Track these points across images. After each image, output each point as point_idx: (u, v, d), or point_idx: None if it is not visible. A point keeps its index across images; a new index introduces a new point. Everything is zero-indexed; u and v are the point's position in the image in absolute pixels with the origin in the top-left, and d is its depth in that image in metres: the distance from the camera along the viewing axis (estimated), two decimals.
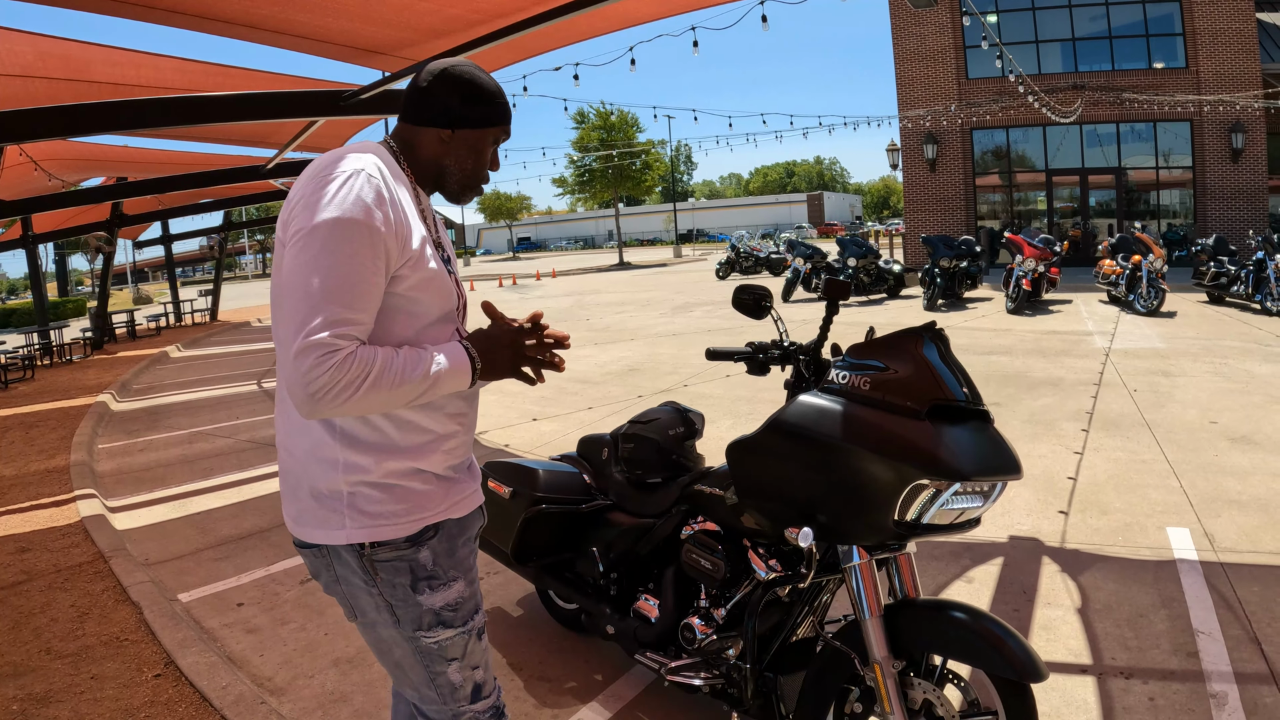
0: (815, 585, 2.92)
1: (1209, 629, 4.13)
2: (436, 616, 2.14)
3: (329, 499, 2.06)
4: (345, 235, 1.88)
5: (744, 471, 2.84)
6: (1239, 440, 7.27)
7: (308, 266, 1.87)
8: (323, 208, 1.89)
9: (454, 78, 2.14)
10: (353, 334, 1.87)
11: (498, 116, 2.20)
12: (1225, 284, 16.45)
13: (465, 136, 2.17)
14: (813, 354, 3.00)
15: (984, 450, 2.37)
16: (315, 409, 1.84)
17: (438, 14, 6.37)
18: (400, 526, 2.08)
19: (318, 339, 1.81)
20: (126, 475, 8.60)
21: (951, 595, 4.65)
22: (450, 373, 2.01)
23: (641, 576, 3.57)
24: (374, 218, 1.91)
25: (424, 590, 2.12)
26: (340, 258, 1.87)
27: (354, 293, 1.88)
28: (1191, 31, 25.27)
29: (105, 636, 4.74)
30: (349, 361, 1.83)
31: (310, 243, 1.88)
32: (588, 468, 3.92)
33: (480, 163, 2.22)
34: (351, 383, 1.83)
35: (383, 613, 2.13)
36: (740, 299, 3.16)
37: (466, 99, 2.14)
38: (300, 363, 1.81)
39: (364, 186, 1.93)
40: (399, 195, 2.03)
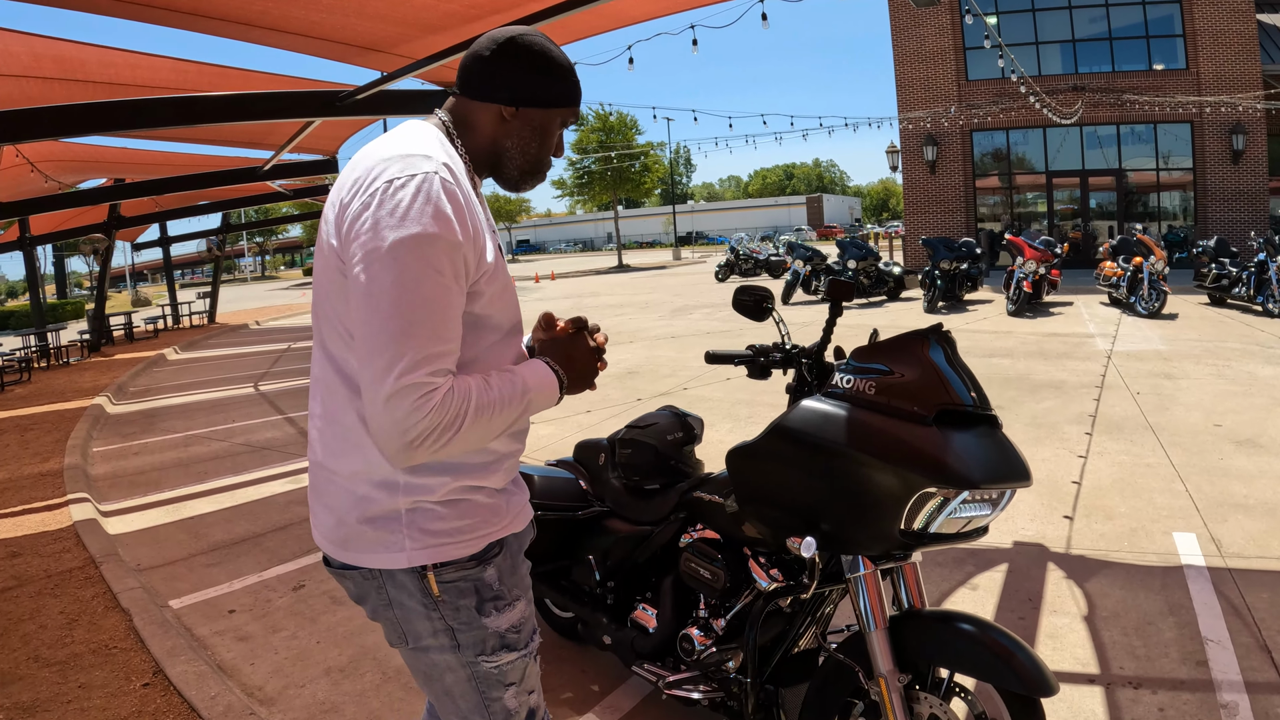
0: (818, 596, 2.84)
1: (1218, 637, 4.05)
2: (501, 639, 1.96)
3: (385, 520, 1.85)
4: (428, 255, 1.63)
5: (744, 479, 2.76)
6: (1244, 443, 7.20)
7: (387, 296, 1.61)
8: (396, 223, 1.63)
9: (521, 47, 1.88)
10: (446, 367, 1.66)
11: (569, 95, 1.96)
12: (1226, 286, 16.39)
13: (531, 116, 1.92)
14: (815, 357, 2.92)
15: (993, 456, 2.29)
16: (413, 456, 1.64)
17: (433, 9, 6.30)
18: (465, 545, 1.89)
19: (410, 381, 1.59)
20: (121, 479, 8.53)
21: (956, 602, 4.59)
22: (540, 393, 1.86)
23: (639, 585, 3.49)
24: (454, 230, 1.67)
25: (490, 612, 1.93)
26: (425, 284, 1.62)
27: (442, 321, 1.66)
28: (1192, 33, 25.22)
29: (94, 644, 4.66)
30: (448, 400, 1.63)
31: (387, 267, 1.62)
32: (584, 473, 3.84)
33: (546, 147, 1.98)
34: (452, 423, 1.64)
35: (441, 637, 1.92)
36: (741, 300, 3.09)
37: (535, 73, 1.89)
38: (394, 409, 1.59)
39: (439, 193, 1.66)
40: (471, 196, 1.78)
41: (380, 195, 1.66)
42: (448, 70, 8.05)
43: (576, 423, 9.37)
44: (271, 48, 7.40)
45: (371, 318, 1.63)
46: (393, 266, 1.61)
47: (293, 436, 9.92)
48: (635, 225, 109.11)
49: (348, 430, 1.84)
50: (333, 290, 1.78)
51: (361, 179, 1.71)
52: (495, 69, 1.88)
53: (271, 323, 29.31)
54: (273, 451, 9.20)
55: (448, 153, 1.81)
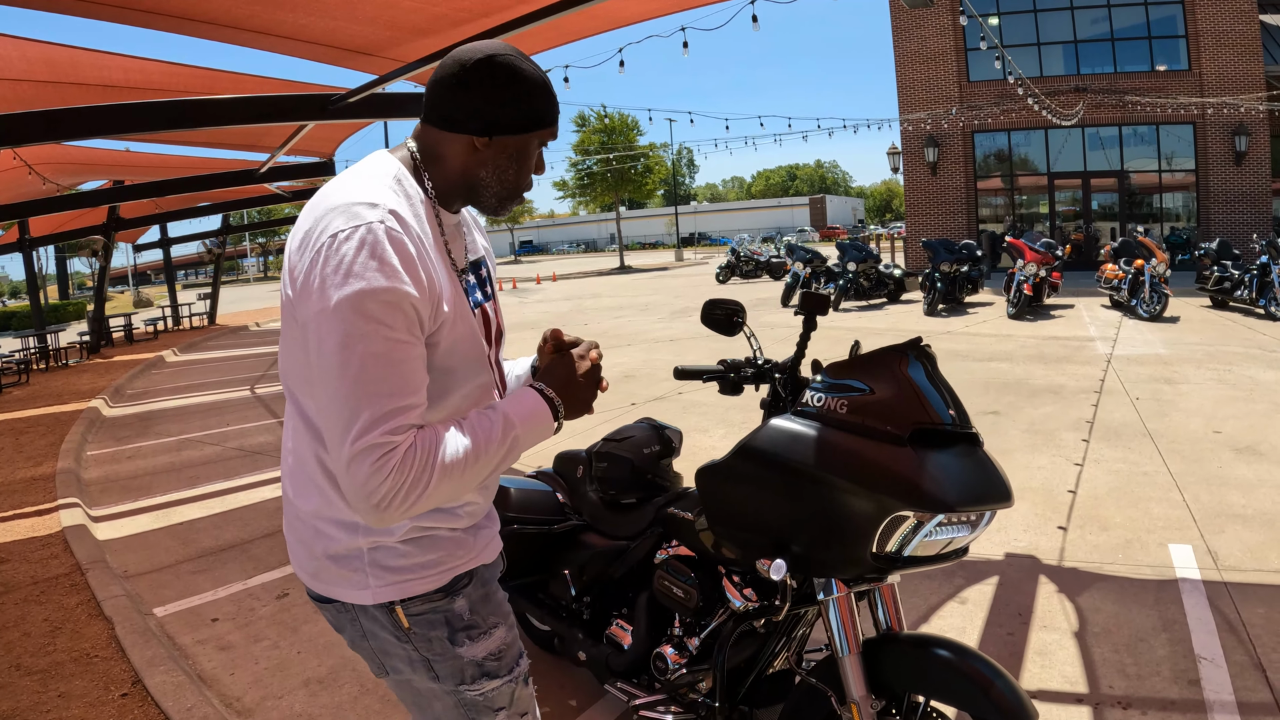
0: (793, 616, 2.78)
1: (1211, 654, 3.97)
2: (480, 668, 1.90)
3: (348, 558, 1.81)
4: (373, 311, 1.55)
5: (713, 498, 2.69)
6: (1243, 451, 7.13)
7: (338, 357, 1.54)
8: (340, 281, 1.55)
9: (489, 70, 1.71)
10: (407, 423, 1.57)
11: (546, 115, 1.79)
12: (1229, 288, 16.32)
13: (505, 144, 1.77)
14: (789, 372, 2.86)
15: (971, 478, 2.22)
16: (386, 517, 1.57)
17: (421, 12, 6.25)
18: (430, 580, 1.84)
19: (367, 443, 1.52)
20: (113, 483, 8.50)
21: (945, 616, 4.53)
22: (529, 426, 1.75)
23: (615, 601, 3.43)
24: (401, 281, 1.57)
25: (463, 642, 1.87)
26: (374, 341, 1.54)
27: (399, 376, 1.57)
28: (1194, 34, 25.12)
29: (76, 653, 4.63)
30: (409, 457, 1.55)
31: (335, 326, 1.55)
32: (563, 485, 3.78)
33: (524, 171, 1.83)
34: (418, 480, 1.56)
35: (418, 668, 1.88)
36: (711, 315, 3.01)
37: (507, 97, 1.72)
38: (355, 473, 1.53)
39: (382, 243, 1.57)
40: (424, 240, 1.68)
41: (325, 251, 1.58)
42: None
43: (570, 428, 9.28)
44: (264, 51, 7.36)
45: (326, 378, 1.57)
46: (340, 326, 1.54)
47: None
48: (638, 226, 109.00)
49: (309, 470, 1.80)
50: (291, 339, 1.73)
51: (310, 232, 1.63)
52: (462, 96, 1.72)
53: (272, 324, 29.26)
54: (265, 456, 9.15)
55: (404, 192, 1.72)
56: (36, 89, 8.44)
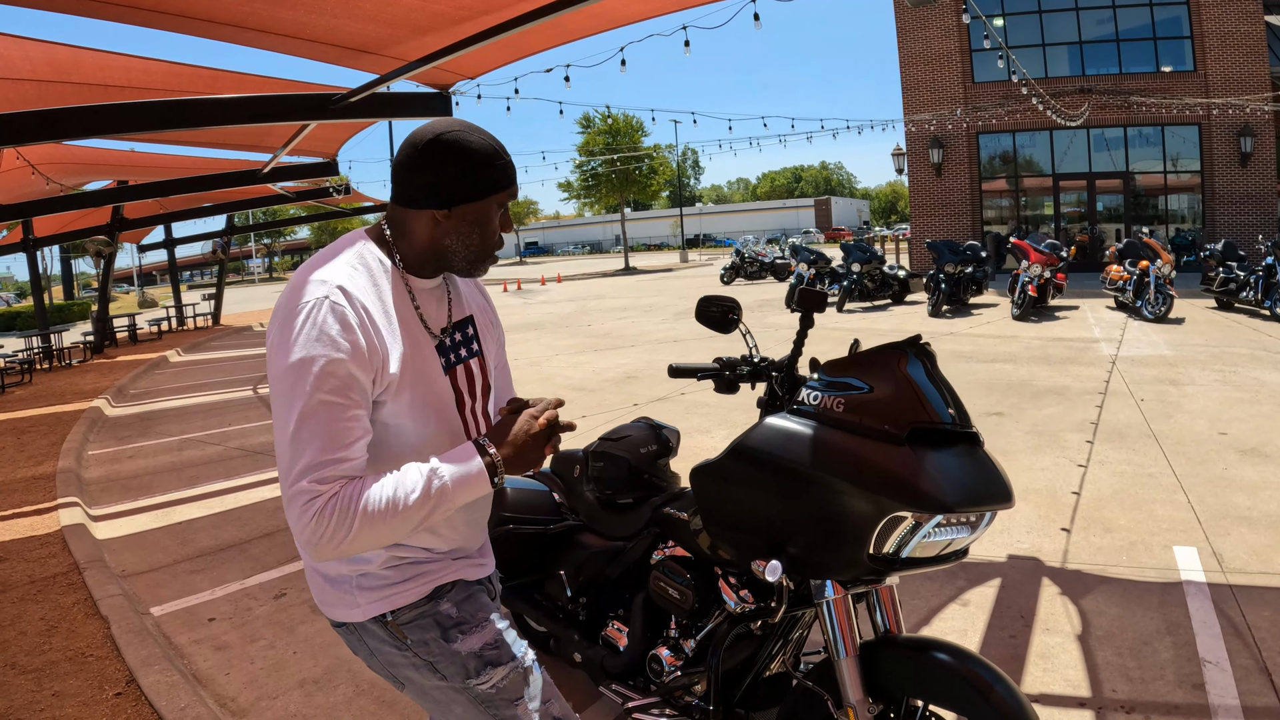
0: (790, 618, 2.74)
1: (1216, 658, 3.93)
2: (480, 658, 2.02)
3: (339, 582, 2.01)
4: (311, 375, 1.74)
5: (708, 498, 2.65)
6: (1249, 453, 7.09)
7: (283, 412, 1.76)
8: (290, 348, 1.76)
9: (439, 150, 1.87)
10: (334, 474, 1.74)
11: (500, 180, 1.94)
12: (1234, 290, 16.26)
13: (465, 212, 1.92)
14: (786, 370, 2.82)
15: (971, 478, 2.18)
16: (318, 554, 1.75)
17: (421, 9, 6.21)
18: (413, 591, 2.01)
19: (297, 489, 1.72)
20: (113, 483, 8.48)
21: (947, 619, 4.49)
22: (461, 480, 1.84)
23: (612, 602, 3.39)
24: (339, 349, 1.76)
25: (456, 638, 2.02)
26: (311, 401, 1.74)
27: (330, 433, 1.75)
28: (1200, 34, 25.06)
29: (71, 652, 4.63)
30: (331, 505, 1.71)
31: (282, 386, 1.77)
32: (560, 485, 3.74)
33: (487, 234, 1.97)
34: (340, 524, 1.72)
35: (424, 672, 2.02)
36: (706, 312, 2.98)
37: (460, 171, 1.88)
38: (289, 513, 1.74)
39: (327, 317, 1.77)
40: (371, 311, 1.85)
41: (279, 322, 1.81)
42: (440, 72, 7.97)
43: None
44: (265, 50, 7.32)
45: (277, 430, 1.79)
46: (284, 387, 1.76)
47: None
48: (643, 227, 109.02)
49: None
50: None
51: (277, 305, 1.85)
52: (418, 176, 1.90)
53: None
54: (266, 456, 9.13)
55: (365, 266, 1.92)
56: (39, 89, 8.42)
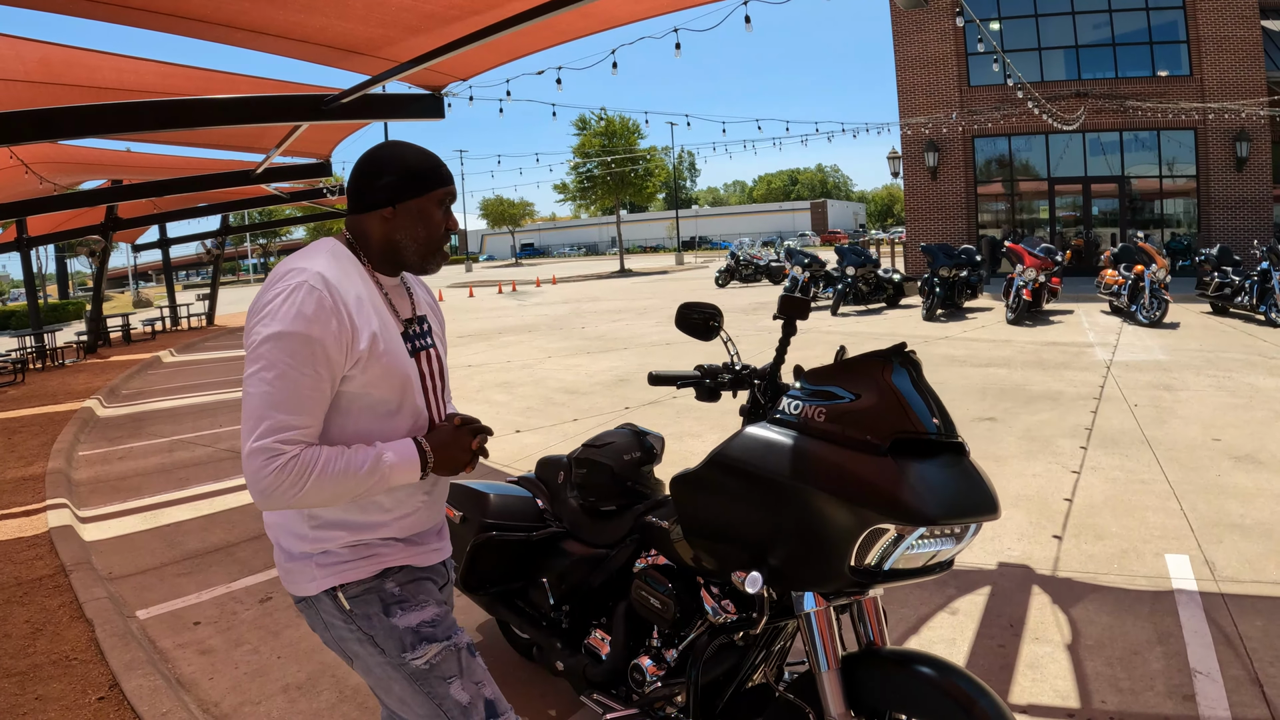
0: (772, 629, 2.71)
1: (1207, 669, 3.90)
2: (416, 634, 2.21)
3: (300, 558, 2.23)
4: (286, 348, 2.01)
5: (688, 508, 2.62)
6: (1242, 459, 7.06)
7: (255, 378, 2.02)
8: (267, 322, 2.03)
9: (382, 157, 2.24)
10: (296, 438, 2.02)
11: (435, 179, 2.26)
12: (1229, 295, 16.25)
13: (408, 208, 2.24)
14: (769, 378, 2.79)
15: (955, 489, 2.15)
16: (268, 504, 2.02)
17: (413, 9, 6.16)
18: (363, 569, 2.23)
19: (261, 444, 1.98)
20: (103, 484, 8.44)
21: (935, 627, 4.46)
22: (399, 467, 2.15)
23: (595, 609, 3.35)
24: (312, 328, 2.03)
25: (396, 612, 2.22)
26: (282, 369, 2.00)
27: (295, 400, 2.02)
28: (1196, 39, 25.07)
29: (55, 655, 4.59)
30: (291, 464, 1.99)
31: (257, 356, 2.03)
32: (544, 491, 3.70)
33: (431, 227, 2.27)
34: (295, 482, 1.99)
35: (366, 646, 2.22)
36: (687, 319, 2.97)
37: (399, 174, 2.22)
38: (249, 465, 1.99)
39: (304, 299, 2.04)
40: (344, 299, 2.11)
41: (262, 301, 2.08)
42: (432, 74, 7.94)
43: (563, 431, 9.26)
44: (258, 51, 7.29)
45: (246, 394, 2.04)
46: (261, 356, 2.02)
47: None
48: (639, 230, 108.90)
49: None
50: None
51: (260, 292, 2.12)
52: (367, 182, 2.24)
53: None
54: None
55: (338, 260, 2.21)
56: (31, 89, 8.37)
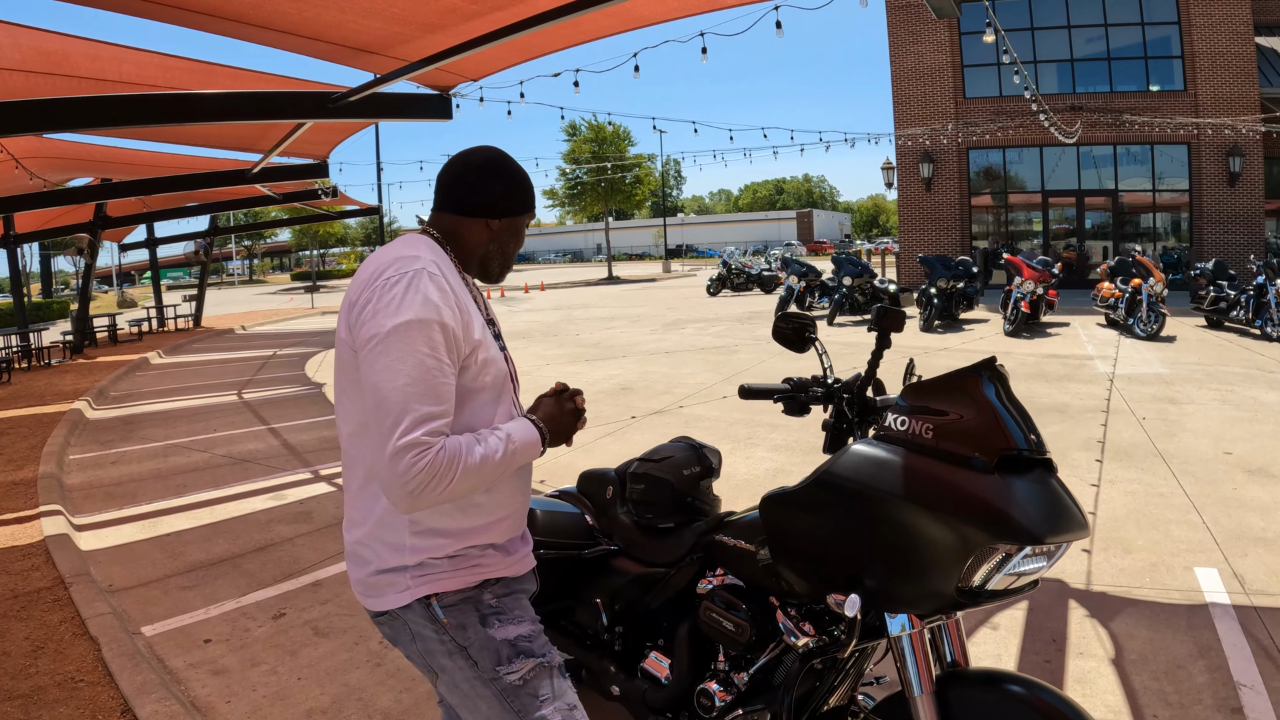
0: (856, 652, 2.59)
1: (1250, 681, 3.88)
2: (513, 647, 2.16)
3: (394, 572, 2.15)
4: (419, 336, 1.98)
5: (781, 529, 2.49)
6: (1256, 472, 7.05)
7: (389, 370, 1.96)
8: (393, 311, 1.99)
9: (497, 168, 2.27)
10: (440, 428, 1.97)
11: (533, 200, 2.35)
12: (1225, 309, 16.32)
13: (510, 224, 2.30)
14: (857, 393, 2.67)
15: (1054, 507, 2.05)
16: (415, 504, 1.95)
17: (434, 3, 6.03)
18: (460, 579, 2.17)
19: (410, 439, 1.91)
20: (96, 490, 8.24)
21: (978, 643, 4.37)
22: (525, 446, 2.15)
23: (650, 631, 3.21)
24: (443, 314, 2.02)
25: (494, 624, 2.17)
26: (419, 358, 1.97)
27: (435, 389, 1.98)
28: (1190, 55, 25.22)
29: (60, 676, 4.37)
30: (441, 455, 1.94)
31: (388, 347, 1.97)
32: (589, 507, 3.55)
33: (518, 244, 2.37)
34: (446, 475, 1.94)
35: (457, 659, 2.15)
36: (780, 330, 2.87)
37: (508, 189, 2.27)
38: (396, 464, 1.91)
39: (428, 285, 2.03)
40: (457, 286, 2.14)
41: (380, 290, 2.04)
42: (442, 74, 7.82)
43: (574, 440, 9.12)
44: (264, 46, 7.15)
45: (379, 388, 1.97)
46: (392, 346, 1.97)
47: (275, 449, 9.65)
48: (625, 237, 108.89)
49: (358, 500, 2.19)
50: (346, 380, 2.14)
51: (367, 280, 2.08)
52: (473, 189, 2.25)
53: (258, 328, 28.98)
54: (255, 464, 8.92)
55: (436, 255, 2.18)
56: (28, 79, 8.21)
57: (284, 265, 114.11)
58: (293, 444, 9.82)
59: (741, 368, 13.49)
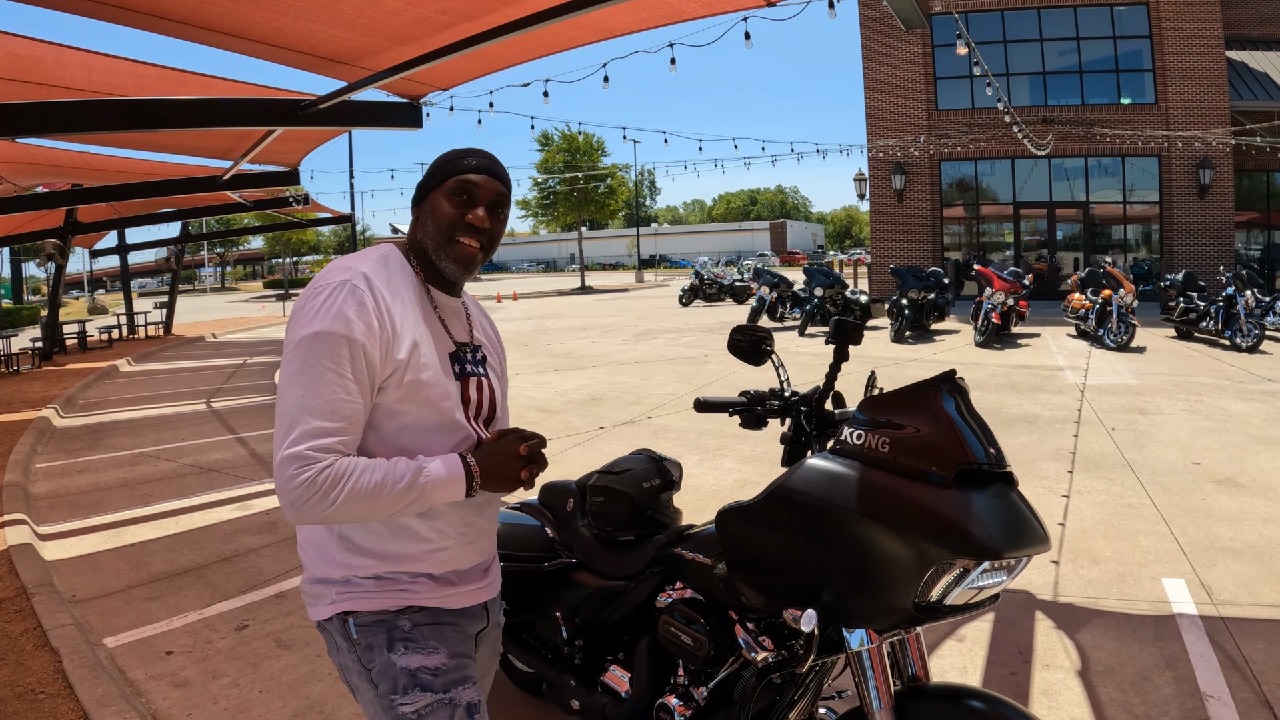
0: (814, 667, 2.57)
1: (1217, 692, 3.90)
2: (412, 678, 2.04)
3: (324, 582, 2.10)
4: (324, 348, 1.91)
5: (738, 543, 2.47)
6: (1224, 483, 7.11)
7: (291, 380, 1.92)
8: (306, 321, 1.94)
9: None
10: (331, 445, 1.90)
11: (450, 168, 2.15)
12: (1194, 319, 16.49)
13: (430, 201, 2.16)
14: (815, 405, 2.67)
15: (1014, 521, 2.05)
16: (299, 517, 1.88)
17: (403, 14, 6.00)
18: (381, 601, 2.09)
19: (293, 451, 1.86)
20: (62, 499, 8.12)
21: (944, 655, 4.36)
22: (442, 482, 2.00)
23: (610, 644, 3.18)
24: (353, 329, 1.93)
25: (399, 650, 2.06)
26: (319, 370, 1.90)
27: (332, 405, 1.90)
28: (1162, 68, 25.51)
29: (20, 688, 4.29)
30: (326, 473, 1.86)
31: (295, 356, 1.93)
32: (550, 519, 3.52)
33: (441, 218, 2.14)
34: (329, 493, 1.86)
35: (364, 680, 2.08)
36: (736, 342, 2.87)
37: (429, 170, 2.18)
38: (280, 473, 1.86)
39: (346, 298, 1.95)
40: (390, 303, 2.03)
41: (303, 300, 1.99)
42: (411, 83, 7.80)
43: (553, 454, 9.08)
44: (234, 53, 7.09)
45: (281, 397, 1.94)
46: (297, 356, 1.93)
47: (243, 458, 9.55)
48: (598, 247, 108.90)
49: None
50: None
51: (303, 291, 2.04)
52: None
53: (229, 336, 28.73)
54: (221, 474, 8.82)
55: (387, 266, 2.11)
56: None
57: (256, 273, 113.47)
58: (260, 453, 9.73)
59: (712, 378, 13.49)
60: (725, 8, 6.38)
